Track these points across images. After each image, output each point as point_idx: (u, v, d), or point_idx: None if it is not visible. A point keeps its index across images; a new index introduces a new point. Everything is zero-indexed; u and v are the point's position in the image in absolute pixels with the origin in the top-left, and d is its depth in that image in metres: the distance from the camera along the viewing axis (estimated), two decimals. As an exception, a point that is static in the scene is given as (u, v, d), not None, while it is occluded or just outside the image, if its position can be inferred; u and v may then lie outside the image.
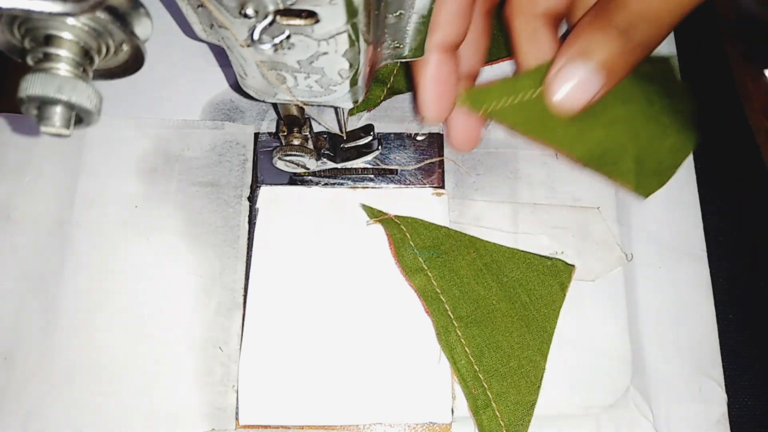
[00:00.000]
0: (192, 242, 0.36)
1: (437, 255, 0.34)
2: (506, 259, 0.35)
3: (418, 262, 0.34)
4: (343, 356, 0.34)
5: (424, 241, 0.35)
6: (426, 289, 0.34)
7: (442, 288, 0.34)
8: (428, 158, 0.38)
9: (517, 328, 0.34)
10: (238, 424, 0.33)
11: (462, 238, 0.35)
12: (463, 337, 0.33)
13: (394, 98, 0.39)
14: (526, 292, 0.34)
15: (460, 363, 0.33)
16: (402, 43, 0.28)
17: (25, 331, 0.34)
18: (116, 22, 0.22)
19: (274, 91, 0.28)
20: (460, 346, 0.33)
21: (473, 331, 0.33)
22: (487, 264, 0.35)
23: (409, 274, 0.34)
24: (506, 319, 0.34)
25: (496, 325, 0.34)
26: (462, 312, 0.34)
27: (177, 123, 0.38)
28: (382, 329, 0.34)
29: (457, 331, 0.33)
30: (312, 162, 0.35)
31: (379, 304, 0.35)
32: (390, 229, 0.35)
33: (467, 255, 0.35)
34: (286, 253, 0.35)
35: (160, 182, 0.37)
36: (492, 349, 0.33)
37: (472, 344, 0.33)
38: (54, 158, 0.37)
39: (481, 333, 0.33)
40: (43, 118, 0.21)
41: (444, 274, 0.34)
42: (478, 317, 0.33)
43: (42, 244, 0.36)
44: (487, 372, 0.33)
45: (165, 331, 0.34)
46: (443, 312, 0.33)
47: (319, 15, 0.21)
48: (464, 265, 0.34)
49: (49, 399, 0.33)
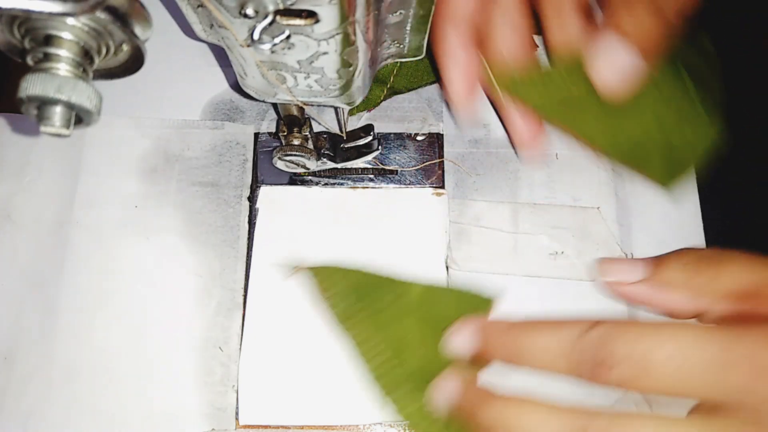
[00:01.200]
0: (192, 242, 0.36)
1: (357, 300, 0.33)
2: (424, 296, 0.34)
3: (340, 311, 0.33)
4: (343, 356, 0.34)
5: (342, 288, 0.34)
6: (354, 337, 0.33)
7: (368, 334, 0.33)
8: (428, 158, 0.38)
9: (446, 364, 0.32)
10: (238, 424, 0.33)
11: (380, 280, 0.34)
12: (402, 377, 0.32)
13: (394, 98, 0.39)
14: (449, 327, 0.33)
15: (402, 403, 0.32)
16: (402, 43, 0.28)
17: (25, 331, 0.34)
18: (116, 22, 0.22)
19: (274, 91, 0.28)
20: (403, 383, 0.32)
21: (406, 370, 0.32)
22: (407, 303, 0.34)
23: (334, 323, 0.33)
24: (433, 357, 0.32)
25: (425, 363, 0.32)
26: (390, 354, 0.32)
27: (177, 123, 0.38)
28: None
29: (394, 370, 0.32)
30: (312, 162, 0.35)
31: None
32: (309, 280, 0.34)
33: (386, 296, 0.34)
34: (286, 253, 0.35)
35: (160, 182, 0.37)
36: (426, 388, 0.32)
37: (411, 381, 0.32)
38: (54, 158, 0.37)
39: (413, 372, 0.32)
40: (43, 118, 0.21)
41: (367, 318, 0.33)
42: (406, 358, 0.32)
43: (42, 244, 0.36)
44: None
45: (165, 331, 0.34)
46: (375, 356, 0.33)
47: (318, 15, 0.21)
48: (385, 308, 0.33)
49: (49, 399, 0.33)
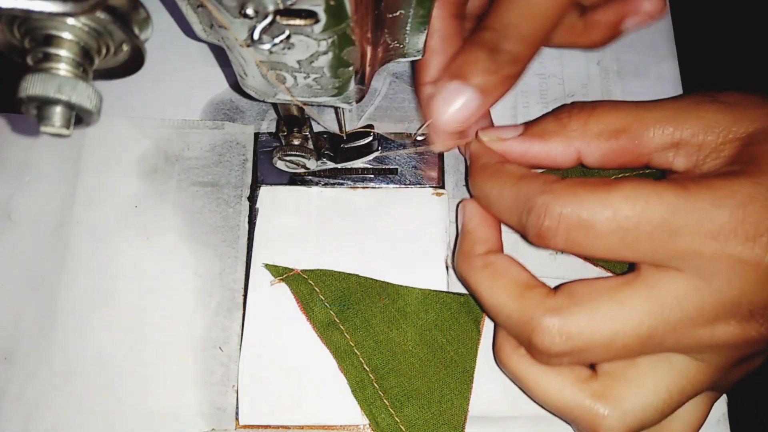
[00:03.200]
0: (192, 242, 0.36)
1: (348, 306, 0.33)
2: (419, 302, 0.34)
3: (330, 316, 0.33)
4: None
5: (334, 293, 0.34)
6: (339, 345, 0.33)
7: (356, 341, 0.33)
8: (428, 158, 0.38)
9: (436, 372, 0.33)
10: (238, 424, 0.33)
11: (373, 285, 0.34)
12: (381, 389, 0.32)
13: (393, 98, 0.39)
14: (442, 333, 0.33)
15: (380, 417, 0.32)
16: (402, 42, 0.28)
17: (25, 331, 0.34)
18: (116, 22, 0.22)
19: (274, 91, 0.28)
20: (379, 399, 0.32)
21: (391, 382, 0.32)
22: (400, 309, 0.34)
23: (321, 330, 0.33)
24: (424, 364, 0.33)
25: (415, 371, 0.33)
26: (378, 363, 0.33)
27: (177, 123, 0.38)
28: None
29: (374, 383, 0.32)
30: (312, 162, 0.35)
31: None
32: (296, 285, 0.34)
33: (379, 302, 0.34)
34: (286, 253, 0.35)
35: (160, 182, 0.37)
36: (412, 398, 0.32)
37: (391, 395, 0.32)
38: (54, 158, 0.37)
39: (399, 383, 0.32)
40: (43, 118, 0.21)
41: (357, 325, 0.33)
42: (394, 366, 0.33)
43: (42, 244, 0.36)
44: (409, 422, 0.32)
45: (165, 331, 0.34)
46: (358, 366, 0.33)
47: (318, 15, 0.21)
48: (377, 313, 0.33)
49: (49, 399, 0.33)
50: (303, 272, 0.34)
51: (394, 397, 0.32)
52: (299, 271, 0.34)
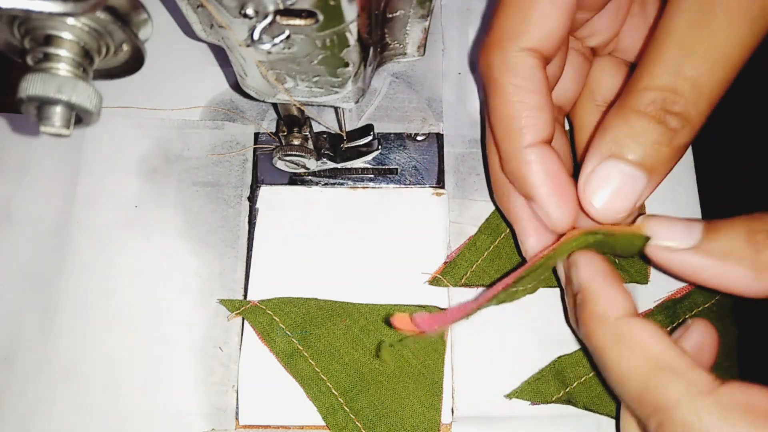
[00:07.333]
0: (192, 242, 0.36)
1: (310, 332, 0.33)
2: (381, 319, 0.33)
3: (292, 344, 0.33)
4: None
5: (294, 320, 0.33)
6: (305, 373, 0.32)
7: (321, 366, 0.33)
8: (428, 159, 0.37)
9: (405, 386, 0.32)
10: (238, 424, 0.33)
11: (333, 307, 0.34)
12: (352, 412, 0.32)
13: (393, 98, 0.39)
14: (407, 347, 0.33)
15: None
16: (402, 43, 0.28)
17: (25, 331, 0.34)
18: (116, 22, 0.22)
19: (274, 91, 0.28)
20: (351, 422, 0.32)
21: (361, 403, 0.32)
22: (362, 328, 0.33)
23: (285, 360, 0.33)
24: (393, 381, 0.33)
25: (384, 389, 0.32)
26: (346, 385, 0.32)
27: (177, 123, 0.38)
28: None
29: (344, 407, 0.32)
30: (312, 162, 0.35)
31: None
32: (254, 318, 0.33)
33: (341, 324, 0.33)
34: (286, 253, 0.35)
35: (160, 182, 0.37)
36: (384, 416, 0.32)
37: (362, 416, 0.32)
38: (54, 158, 0.37)
39: (369, 403, 0.32)
40: (43, 118, 0.21)
41: (320, 350, 0.33)
42: (363, 387, 0.32)
43: (42, 244, 0.36)
44: None
45: (165, 331, 0.34)
46: (326, 392, 0.32)
47: (318, 15, 0.21)
48: (340, 336, 0.33)
49: (49, 399, 0.33)
50: (261, 303, 0.34)
51: (365, 418, 0.32)
52: (256, 302, 0.34)
